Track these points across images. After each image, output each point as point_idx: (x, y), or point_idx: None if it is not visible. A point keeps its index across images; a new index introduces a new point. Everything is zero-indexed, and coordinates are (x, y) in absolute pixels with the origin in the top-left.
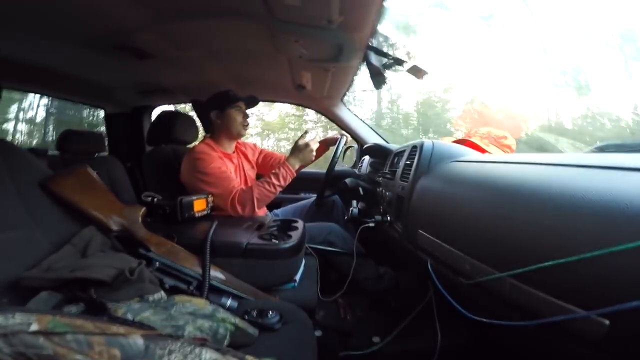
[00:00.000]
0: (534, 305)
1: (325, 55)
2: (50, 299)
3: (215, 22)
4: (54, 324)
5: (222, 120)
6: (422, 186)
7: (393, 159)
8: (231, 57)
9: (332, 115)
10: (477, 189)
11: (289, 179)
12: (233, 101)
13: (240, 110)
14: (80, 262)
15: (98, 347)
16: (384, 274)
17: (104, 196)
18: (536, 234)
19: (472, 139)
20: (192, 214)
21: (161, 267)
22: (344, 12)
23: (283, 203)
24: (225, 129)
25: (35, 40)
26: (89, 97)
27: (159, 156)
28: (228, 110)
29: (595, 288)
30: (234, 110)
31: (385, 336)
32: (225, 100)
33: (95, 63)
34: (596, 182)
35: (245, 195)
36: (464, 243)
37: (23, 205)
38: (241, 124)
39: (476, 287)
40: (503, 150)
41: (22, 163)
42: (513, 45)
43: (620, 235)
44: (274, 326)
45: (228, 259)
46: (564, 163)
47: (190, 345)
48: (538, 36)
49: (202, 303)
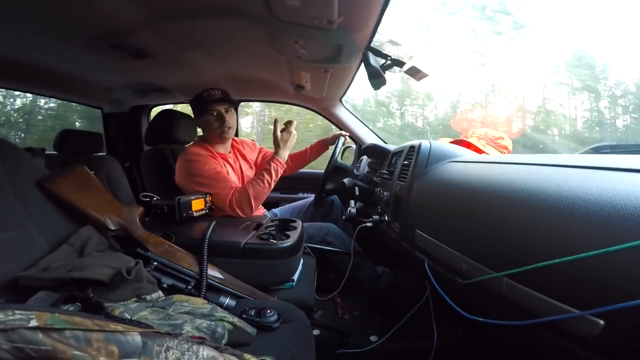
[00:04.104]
0: (529, 305)
1: (325, 56)
2: (48, 299)
3: (214, 22)
4: (53, 320)
5: (202, 126)
6: (420, 186)
7: (391, 159)
8: (230, 57)
9: (331, 115)
10: (474, 189)
11: (280, 171)
12: (207, 105)
13: (218, 114)
14: (78, 261)
15: (96, 344)
16: (382, 273)
17: (102, 196)
18: (532, 234)
19: (469, 140)
20: (190, 214)
21: (159, 267)
22: (343, 12)
23: (281, 203)
24: (208, 134)
25: (33, 40)
26: (87, 96)
27: (157, 156)
28: (204, 117)
29: (591, 288)
30: (208, 116)
31: (382, 335)
32: (200, 104)
33: (94, 63)
34: (591, 183)
35: (241, 196)
36: (460, 243)
37: (20, 205)
38: (219, 129)
39: (473, 287)
40: (500, 151)
41: (19, 162)
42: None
43: (615, 236)
44: (272, 325)
45: (226, 259)
46: (559, 164)
47: (187, 343)
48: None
49: (200, 302)
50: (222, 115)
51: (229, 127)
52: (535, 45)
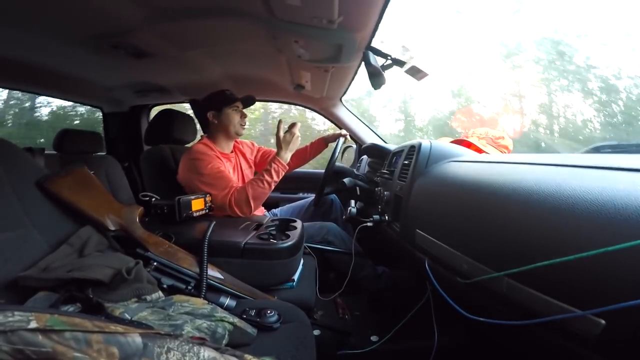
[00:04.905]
0: (530, 305)
1: (325, 55)
2: (48, 299)
3: (214, 22)
4: (52, 321)
5: (220, 120)
6: (420, 186)
7: (391, 158)
8: (230, 56)
9: (331, 115)
10: (474, 188)
11: (282, 172)
12: (230, 101)
13: (238, 110)
14: (78, 262)
15: (96, 345)
16: (382, 273)
17: (102, 196)
18: (533, 234)
19: (470, 139)
20: (190, 214)
21: (159, 267)
22: (343, 12)
23: (281, 203)
24: (223, 129)
25: (33, 40)
26: (87, 96)
27: (156, 156)
28: (225, 111)
29: (591, 287)
30: (231, 111)
31: (383, 335)
32: (222, 100)
33: (93, 62)
34: (592, 182)
35: (239, 196)
36: (461, 242)
37: (20, 205)
38: (239, 124)
39: (473, 287)
40: (500, 151)
41: (19, 162)
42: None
43: (615, 235)
44: (273, 325)
45: (226, 259)
46: (559, 163)
47: (188, 344)
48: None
49: (200, 303)
50: (243, 111)
51: (245, 123)
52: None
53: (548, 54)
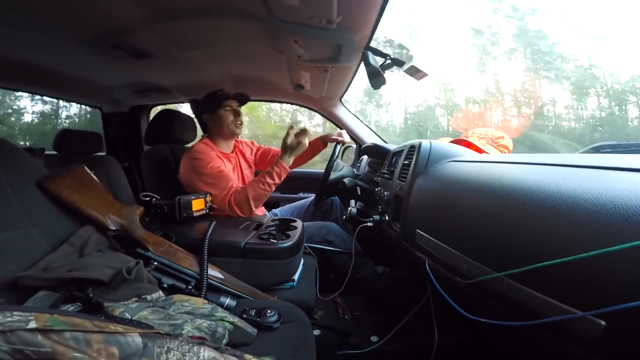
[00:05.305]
0: (530, 305)
1: (324, 55)
2: (48, 299)
3: (214, 22)
4: (52, 321)
5: (214, 121)
6: (420, 186)
7: (391, 158)
8: (230, 56)
9: (331, 115)
10: (474, 188)
11: (283, 175)
12: (222, 101)
13: (231, 110)
14: (78, 261)
15: (96, 345)
16: (382, 273)
17: (102, 196)
18: (533, 234)
19: (469, 139)
20: (190, 214)
21: (159, 267)
22: (343, 12)
23: (281, 203)
24: (218, 130)
25: (32, 40)
26: (87, 96)
27: (157, 156)
28: (218, 112)
29: (592, 288)
30: (223, 111)
31: (383, 335)
32: (215, 100)
33: (93, 62)
34: (592, 182)
35: (240, 196)
36: (461, 243)
37: (20, 205)
38: (233, 123)
39: (473, 287)
40: (500, 151)
41: (18, 162)
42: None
43: (616, 236)
44: (273, 325)
45: (226, 259)
46: (559, 163)
47: (188, 344)
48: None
49: (200, 302)
50: (237, 110)
51: (241, 122)
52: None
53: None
